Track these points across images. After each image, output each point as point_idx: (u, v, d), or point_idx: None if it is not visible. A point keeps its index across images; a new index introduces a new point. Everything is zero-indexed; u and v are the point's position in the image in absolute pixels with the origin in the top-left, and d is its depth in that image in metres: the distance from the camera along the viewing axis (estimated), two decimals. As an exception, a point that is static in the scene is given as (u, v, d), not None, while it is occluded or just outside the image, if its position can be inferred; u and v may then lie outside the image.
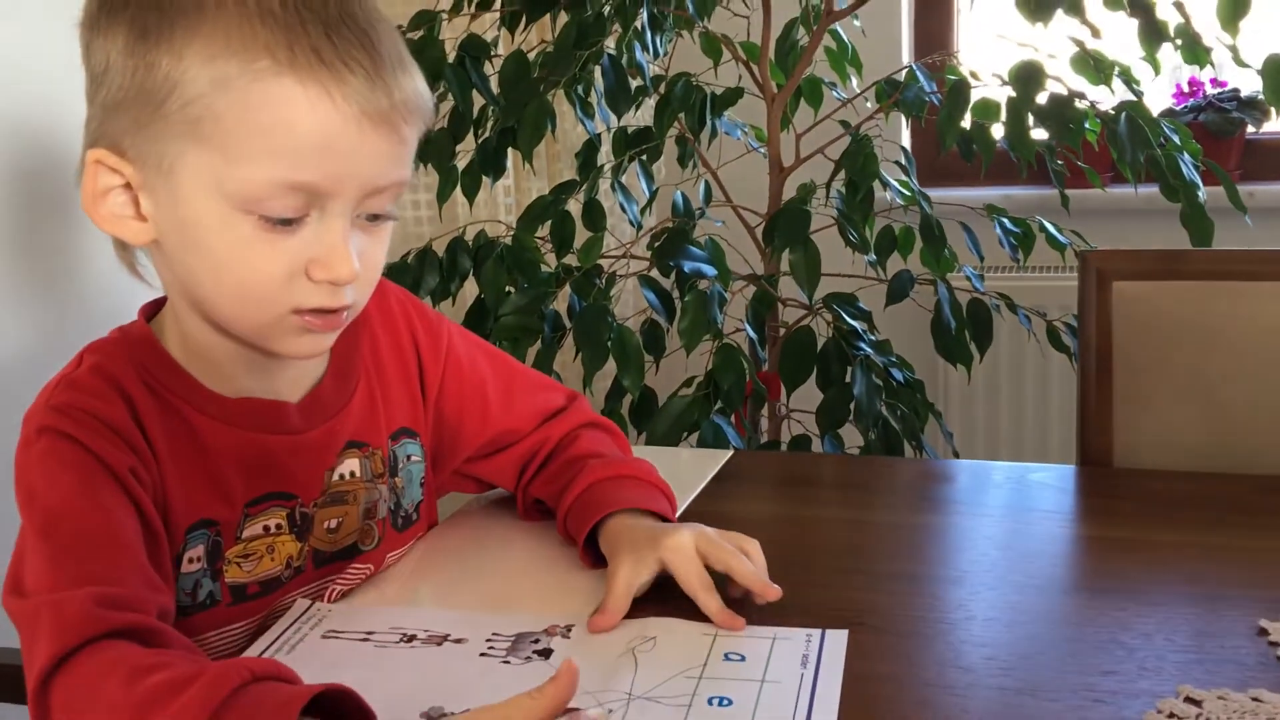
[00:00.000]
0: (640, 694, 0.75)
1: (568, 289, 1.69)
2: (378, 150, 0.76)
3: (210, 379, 0.84)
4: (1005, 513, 1.08)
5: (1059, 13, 1.60)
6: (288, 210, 0.75)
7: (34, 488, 0.76)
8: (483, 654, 0.81)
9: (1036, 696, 0.74)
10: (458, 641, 0.82)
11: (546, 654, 0.80)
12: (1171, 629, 0.82)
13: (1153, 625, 0.83)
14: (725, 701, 0.74)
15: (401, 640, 0.83)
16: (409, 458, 0.97)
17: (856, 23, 1.90)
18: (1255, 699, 0.72)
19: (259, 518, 0.85)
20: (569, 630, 0.83)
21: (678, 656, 0.79)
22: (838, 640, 0.81)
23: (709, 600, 0.84)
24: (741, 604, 0.85)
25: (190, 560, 0.82)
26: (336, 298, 0.78)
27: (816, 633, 0.82)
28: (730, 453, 1.23)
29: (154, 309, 0.88)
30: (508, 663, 0.79)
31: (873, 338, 1.60)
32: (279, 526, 0.86)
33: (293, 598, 0.89)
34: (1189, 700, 0.73)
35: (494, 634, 0.83)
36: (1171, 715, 0.71)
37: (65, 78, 1.53)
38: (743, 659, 0.79)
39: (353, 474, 0.91)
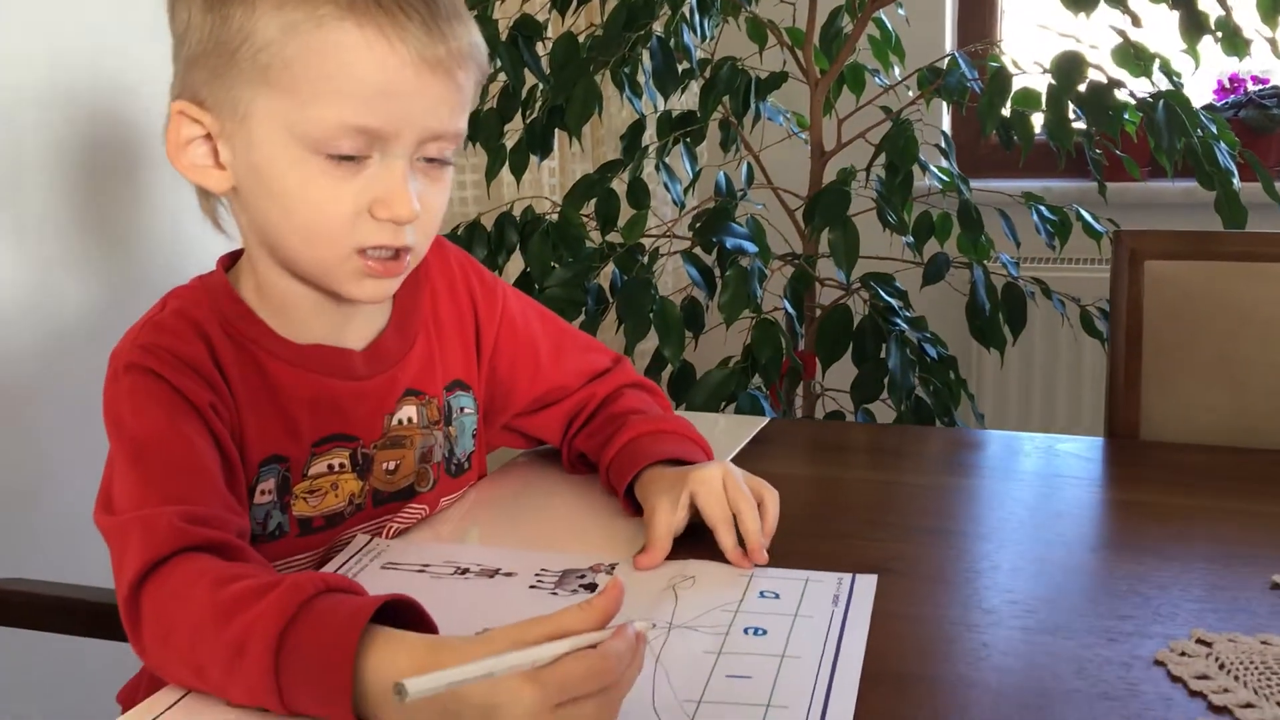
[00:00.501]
0: (680, 623, 0.79)
1: (611, 265, 1.74)
2: (435, 95, 0.81)
3: (282, 326, 0.90)
4: (1033, 478, 1.11)
5: (1101, 4, 1.64)
6: (352, 149, 0.80)
7: (122, 418, 0.82)
8: (531, 586, 0.86)
9: (1056, 635, 0.78)
10: (508, 575, 0.87)
11: (591, 588, 0.85)
12: (1188, 582, 0.86)
13: (1169, 578, 0.87)
14: (760, 631, 0.78)
15: (455, 572, 0.88)
16: (462, 409, 1.02)
17: (901, 11, 1.93)
18: (1264, 642, 0.76)
19: (324, 456, 0.91)
20: (613, 568, 0.88)
21: (716, 593, 0.84)
22: (868, 583, 0.85)
23: (725, 536, 0.89)
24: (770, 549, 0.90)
25: (262, 492, 0.88)
26: (398, 237, 0.83)
27: (848, 576, 0.86)
28: (766, 419, 1.27)
29: (230, 261, 0.93)
30: (555, 595, 0.84)
31: (908, 314, 1.64)
32: (342, 465, 0.92)
33: (353, 533, 0.94)
34: (1200, 641, 0.76)
35: (542, 569, 0.88)
36: (1183, 654, 0.75)
37: (132, 51, 1.61)
38: (777, 596, 0.83)
39: (410, 420, 0.96)
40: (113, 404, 0.83)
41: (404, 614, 0.71)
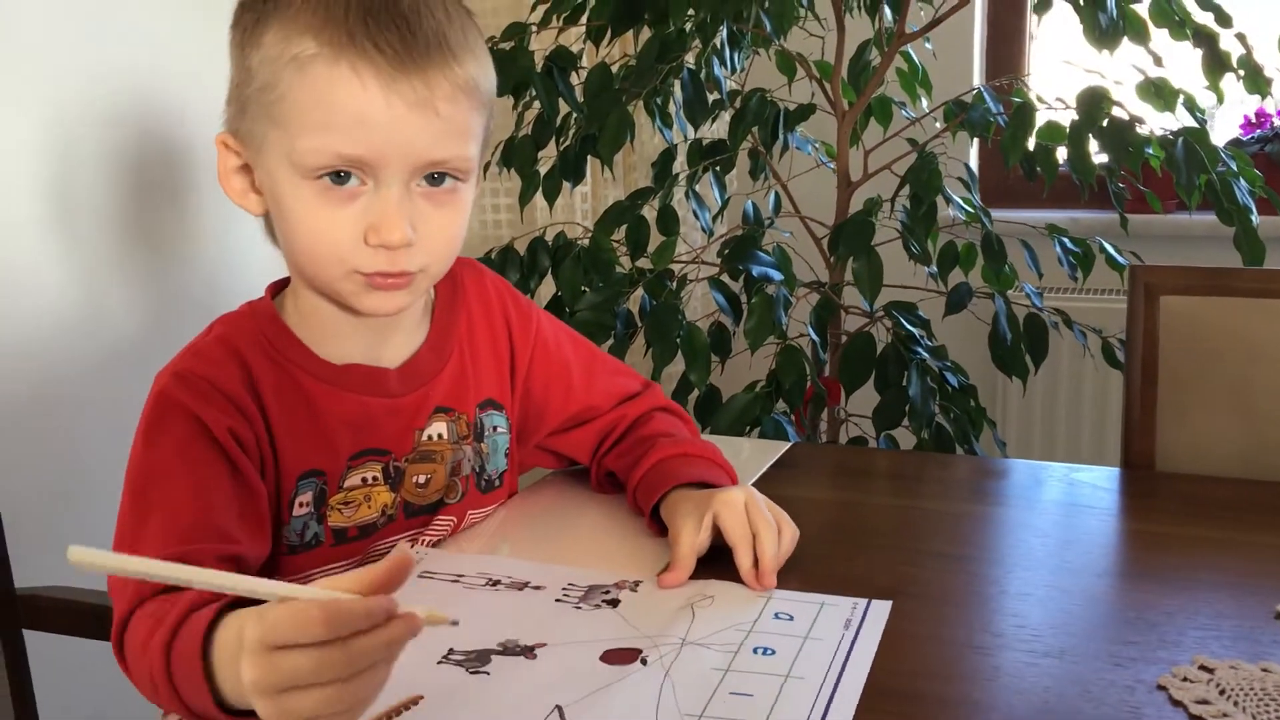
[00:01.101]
0: (694, 640, 0.83)
1: (640, 290, 1.78)
2: (413, 125, 0.84)
3: (322, 347, 0.95)
4: (1047, 506, 1.14)
5: (1125, 40, 1.67)
6: (340, 166, 0.84)
7: (137, 447, 0.87)
8: (557, 600, 0.89)
9: (1061, 659, 0.81)
10: (536, 588, 0.91)
11: (614, 604, 0.89)
12: (1193, 610, 0.89)
13: (1175, 606, 0.89)
14: (768, 651, 0.82)
15: (487, 584, 0.92)
16: (495, 428, 1.06)
17: (928, 45, 1.97)
18: (1265, 669, 0.79)
19: (358, 470, 0.96)
20: (637, 585, 0.92)
21: (732, 613, 0.87)
22: (882, 609, 0.88)
23: (744, 556, 0.92)
24: (785, 572, 0.93)
25: (300, 505, 0.93)
26: (395, 262, 0.87)
27: (863, 601, 0.89)
28: (789, 444, 1.31)
29: (278, 287, 0.99)
30: (579, 608, 0.88)
31: (929, 343, 1.67)
32: (375, 478, 0.96)
33: (388, 543, 0.98)
34: (1202, 668, 0.79)
35: (569, 584, 0.92)
36: (1185, 679, 0.78)
37: (182, 76, 1.67)
38: (791, 618, 0.87)
39: (440, 436, 1.00)
40: (138, 430, 0.88)
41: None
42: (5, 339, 1.55)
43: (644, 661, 0.80)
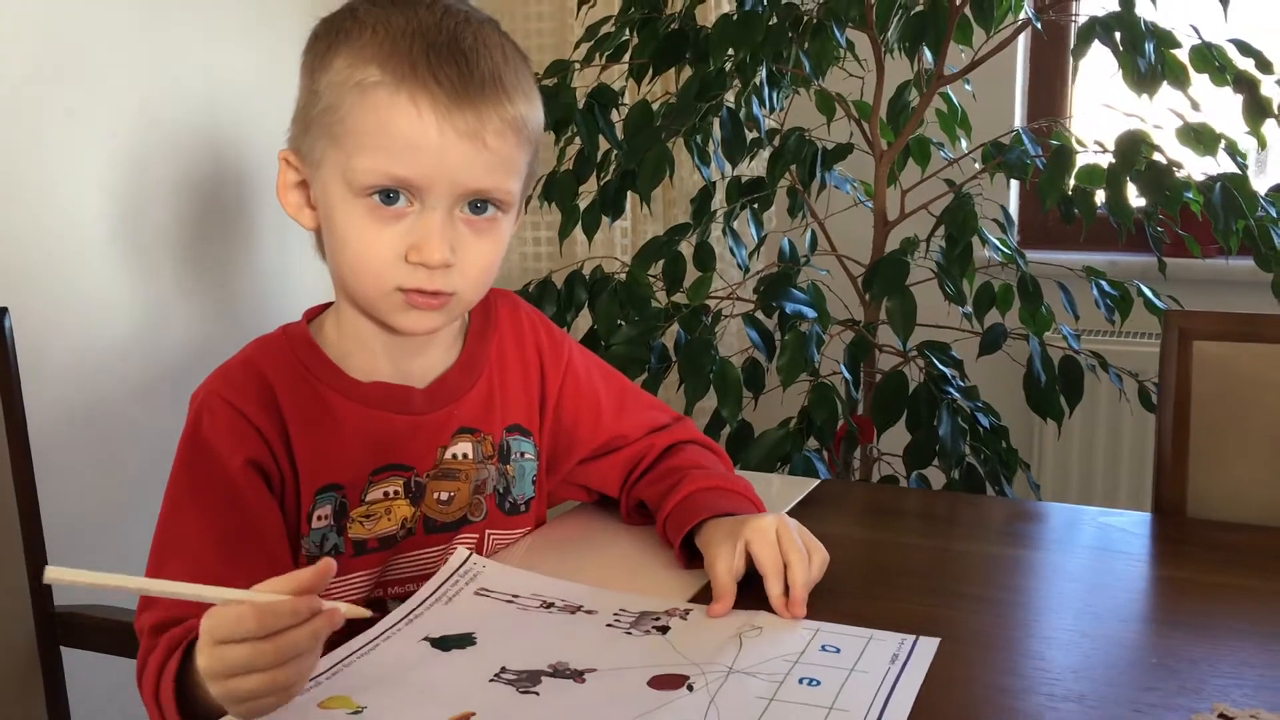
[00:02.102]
0: (740, 669, 0.84)
1: (675, 325, 1.79)
2: (461, 155, 0.90)
3: (354, 364, 0.99)
4: (1075, 550, 1.14)
5: (1166, 85, 1.67)
6: (389, 184, 0.90)
7: (172, 471, 0.94)
8: (608, 625, 0.91)
9: (1081, 704, 0.81)
10: (589, 612, 0.93)
11: (664, 630, 0.90)
12: (1217, 658, 0.88)
13: (1199, 654, 0.89)
14: (814, 682, 0.82)
15: (541, 605, 0.94)
16: (522, 454, 1.08)
17: (968, 87, 1.98)
18: (1285, 719, 0.78)
19: (380, 484, 0.99)
20: (687, 613, 0.93)
21: (779, 643, 0.88)
22: (929, 645, 0.88)
23: (774, 584, 0.93)
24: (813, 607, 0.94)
25: (319, 518, 0.97)
26: (433, 281, 0.92)
27: (910, 637, 0.89)
28: (818, 480, 1.31)
29: (317, 312, 1.04)
30: (629, 634, 0.90)
31: (961, 383, 1.67)
32: (396, 492, 1.00)
33: (405, 558, 1.01)
34: (1222, 716, 0.79)
35: (621, 609, 0.94)
36: (1204, 727, 0.77)
37: (247, 99, 1.71)
38: (838, 651, 0.87)
39: (465, 455, 1.03)
40: (176, 452, 0.95)
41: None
42: (66, 356, 1.59)
43: (690, 688, 0.81)
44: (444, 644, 0.87)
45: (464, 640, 0.88)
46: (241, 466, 0.93)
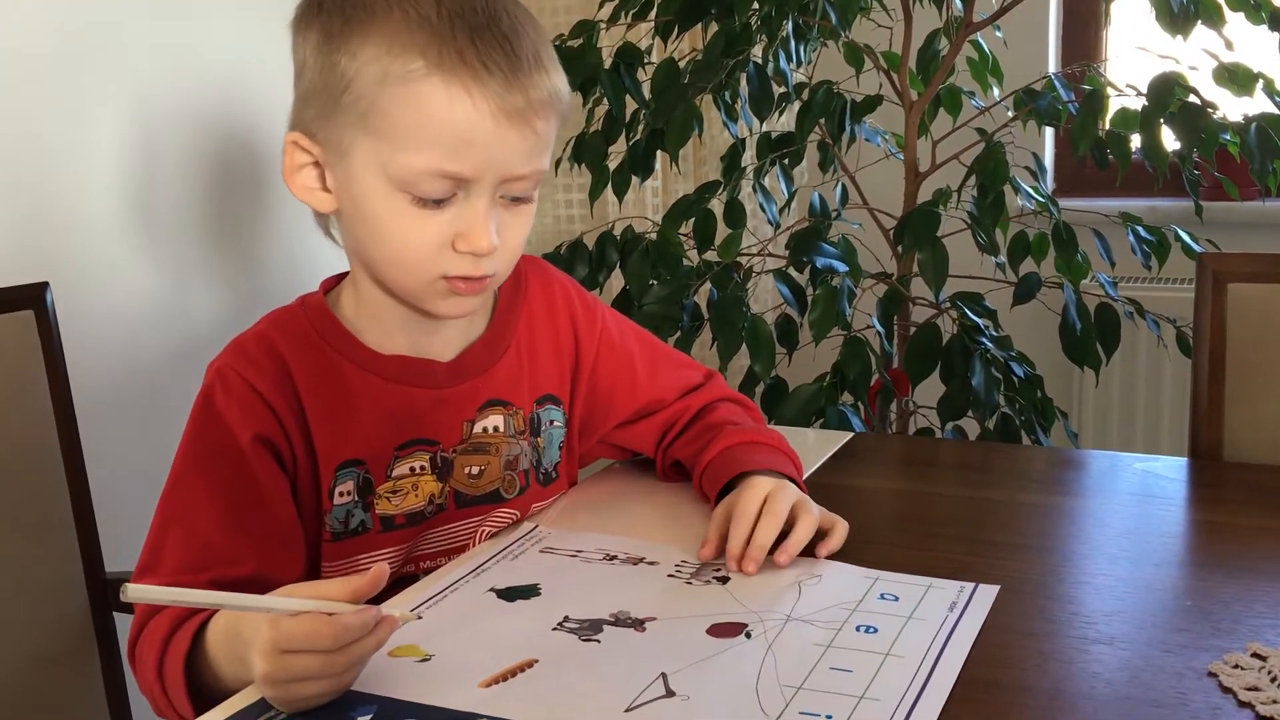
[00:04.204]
0: (798, 616, 0.85)
1: (708, 283, 1.79)
2: (512, 142, 0.88)
3: (372, 338, 0.98)
4: (1109, 496, 1.14)
5: (1201, 25, 1.65)
6: (437, 192, 0.88)
7: (183, 437, 0.95)
8: (670, 575, 0.93)
9: (1112, 645, 0.81)
10: (651, 564, 0.95)
11: (724, 580, 0.92)
12: (1251, 599, 0.88)
13: (1233, 595, 0.89)
14: (871, 629, 0.84)
15: (604, 558, 0.97)
16: (551, 422, 1.09)
17: (999, 34, 1.96)
18: (1319, 658, 0.78)
19: (406, 459, 0.99)
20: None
21: (838, 591, 0.90)
22: (988, 593, 0.89)
23: (735, 537, 0.94)
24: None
25: (341, 494, 0.96)
26: (478, 267, 0.91)
27: (970, 585, 0.90)
28: (850, 434, 1.32)
29: (334, 281, 1.02)
30: (690, 584, 0.92)
31: (994, 333, 1.66)
32: (422, 468, 1.00)
33: (436, 532, 1.02)
34: (1255, 655, 0.79)
35: (682, 560, 0.96)
36: (1237, 666, 0.77)
37: (262, 78, 1.73)
38: (896, 599, 0.88)
39: (496, 429, 1.03)
40: (188, 421, 0.95)
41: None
42: (94, 333, 1.62)
43: (748, 635, 0.82)
44: (509, 595, 0.90)
45: (529, 591, 0.91)
46: (251, 441, 0.92)
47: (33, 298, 1.26)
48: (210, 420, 0.93)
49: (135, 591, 0.68)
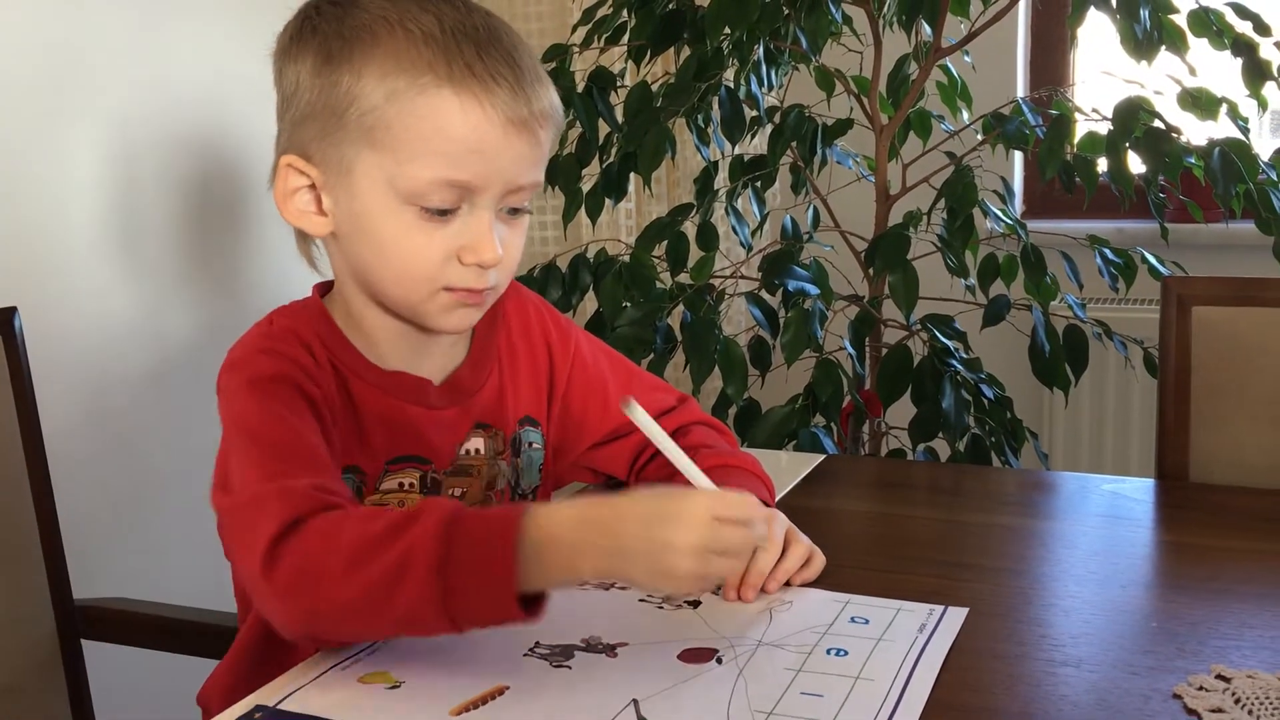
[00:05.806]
0: (769, 641, 0.86)
1: (680, 305, 1.80)
2: (518, 151, 0.90)
3: (368, 353, 0.99)
4: (1079, 517, 1.15)
5: (1165, 51, 1.67)
6: (444, 203, 0.90)
7: (243, 409, 0.89)
8: (641, 600, 0.94)
9: (1079, 668, 0.82)
10: (622, 588, 0.95)
11: (695, 605, 0.93)
12: (1216, 620, 0.89)
13: (1199, 616, 0.90)
14: (841, 653, 0.84)
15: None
16: (530, 444, 1.09)
17: (967, 58, 1.98)
18: (1282, 679, 0.79)
19: (397, 474, 0.99)
20: (717, 590, 0.95)
21: (809, 616, 0.90)
22: (957, 615, 0.90)
23: None
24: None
25: None
26: (482, 279, 0.93)
27: (939, 608, 0.91)
28: (823, 456, 1.32)
29: (325, 289, 1.02)
30: (661, 609, 0.92)
31: (964, 355, 1.68)
32: (411, 485, 1.00)
33: None
34: (1220, 677, 0.80)
35: None
36: (1201, 688, 0.78)
37: (242, 99, 1.73)
38: (867, 622, 0.89)
39: (478, 451, 1.03)
40: (232, 397, 0.91)
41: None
42: (66, 353, 1.61)
43: (719, 660, 0.83)
44: None
45: None
46: (320, 401, 0.91)
47: (0, 322, 1.25)
48: (268, 379, 0.90)
49: (639, 411, 0.87)
